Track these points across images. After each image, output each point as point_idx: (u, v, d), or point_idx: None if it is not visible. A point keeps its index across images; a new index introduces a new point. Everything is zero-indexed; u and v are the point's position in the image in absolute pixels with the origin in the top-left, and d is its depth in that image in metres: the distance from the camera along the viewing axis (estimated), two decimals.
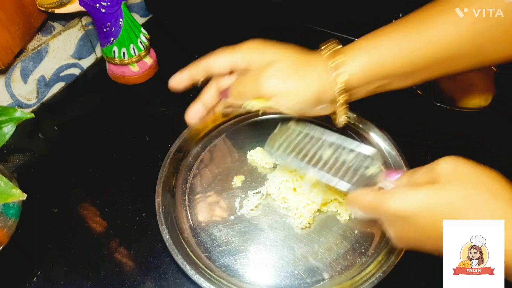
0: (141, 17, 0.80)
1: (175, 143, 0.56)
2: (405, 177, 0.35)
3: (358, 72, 0.39)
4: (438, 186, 0.31)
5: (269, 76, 0.39)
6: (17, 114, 0.45)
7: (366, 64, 0.39)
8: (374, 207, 0.34)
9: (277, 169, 0.53)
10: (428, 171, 0.32)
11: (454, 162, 0.31)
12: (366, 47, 0.39)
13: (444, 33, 0.37)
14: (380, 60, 0.39)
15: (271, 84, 0.39)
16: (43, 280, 0.47)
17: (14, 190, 0.41)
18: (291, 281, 0.45)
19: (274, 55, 0.41)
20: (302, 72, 0.39)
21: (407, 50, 0.38)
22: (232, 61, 0.42)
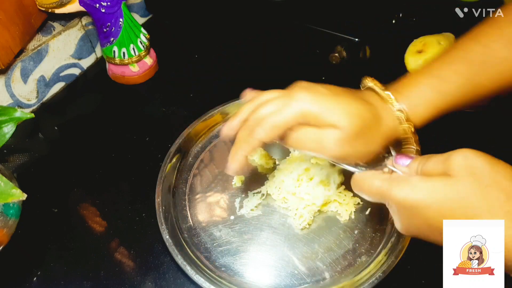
0: (141, 17, 0.80)
1: (175, 143, 0.56)
2: (417, 162, 0.34)
3: (424, 119, 0.38)
4: (452, 179, 0.30)
5: (334, 143, 0.35)
6: (17, 114, 0.45)
7: (430, 102, 0.37)
8: (382, 193, 0.33)
9: (277, 169, 0.53)
10: (442, 161, 0.31)
11: (469, 155, 0.30)
12: (427, 83, 0.37)
13: (505, 56, 0.36)
14: (446, 95, 0.37)
15: (335, 152, 0.35)
16: (43, 280, 0.47)
17: (14, 190, 0.41)
18: (291, 281, 0.45)
19: (335, 115, 0.35)
20: (369, 139, 0.36)
21: (472, 80, 0.37)
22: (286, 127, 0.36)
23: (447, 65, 0.38)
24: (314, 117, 0.35)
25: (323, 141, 0.35)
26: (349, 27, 0.64)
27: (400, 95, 0.38)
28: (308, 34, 0.74)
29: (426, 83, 0.38)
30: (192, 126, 0.58)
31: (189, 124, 0.58)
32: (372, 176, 0.34)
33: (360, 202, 0.51)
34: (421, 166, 0.33)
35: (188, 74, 0.72)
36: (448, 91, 0.37)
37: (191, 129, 0.57)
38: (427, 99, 0.37)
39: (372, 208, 0.50)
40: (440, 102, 0.38)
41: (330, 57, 0.64)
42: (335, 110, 0.35)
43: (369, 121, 0.36)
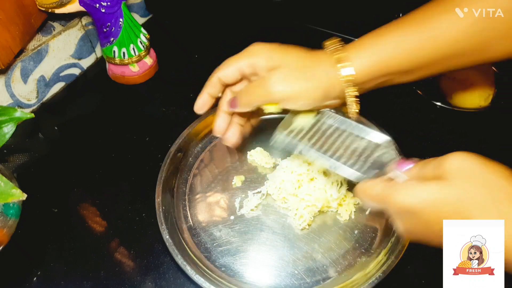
0: (141, 17, 0.80)
1: (175, 143, 0.56)
2: (416, 168, 0.35)
3: (363, 69, 0.39)
4: (446, 182, 0.31)
5: (276, 81, 0.39)
6: (17, 114, 0.45)
7: (371, 61, 0.39)
8: (382, 199, 0.34)
9: (277, 170, 0.53)
10: (437, 165, 0.32)
11: (463, 158, 0.31)
12: (370, 44, 0.40)
13: (446, 32, 0.38)
14: (384, 57, 0.39)
15: (279, 90, 0.39)
16: (43, 280, 0.47)
17: (14, 190, 0.41)
18: (291, 281, 0.45)
19: (278, 58, 0.40)
20: (309, 73, 0.40)
21: (410, 48, 0.39)
22: (239, 69, 0.42)
23: (389, 30, 0.40)
24: (258, 67, 0.41)
25: (268, 84, 0.39)
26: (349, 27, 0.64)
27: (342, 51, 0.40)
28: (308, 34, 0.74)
29: (366, 44, 0.40)
30: (192, 126, 0.58)
31: (189, 124, 0.58)
32: (374, 183, 0.36)
33: (360, 202, 0.51)
34: (419, 171, 0.34)
35: (188, 74, 0.72)
36: (384, 53, 0.39)
37: (191, 129, 0.57)
38: (364, 58, 0.39)
39: (372, 208, 0.50)
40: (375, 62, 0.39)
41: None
42: (276, 55, 0.40)
43: (307, 60, 0.40)
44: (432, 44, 0.38)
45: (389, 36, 0.39)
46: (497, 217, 0.29)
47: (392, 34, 0.39)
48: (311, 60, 0.41)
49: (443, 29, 0.38)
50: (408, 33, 0.39)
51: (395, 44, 0.39)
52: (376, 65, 0.39)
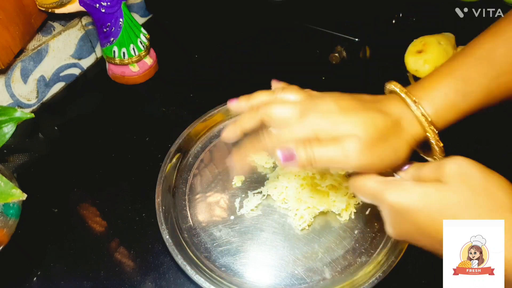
0: (141, 17, 0.80)
1: (175, 143, 0.56)
2: (413, 169, 0.34)
3: (446, 116, 0.37)
4: (444, 186, 0.30)
5: (356, 152, 0.34)
6: (17, 114, 0.45)
7: (454, 105, 0.36)
8: (375, 194, 0.34)
9: (277, 171, 0.53)
10: (436, 168, 0.32)
11: (463, 163, 0.31)
12: (450, 84, 0.36)
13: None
14: (468, 96, 0.36)
15: (360, 160, 0.34)
16: (43, 280, 0.47)
17: (14, 190, 0.41)
18: (291, 281, 0.45)
19: (347, 124, 0.35)
20: (391, 141, 0.35)
21: (496, 81, 0.36)
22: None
23: (471, 66, 0.36)
24: (325, 132, 0.35)
25: (344, 152, 0.34)
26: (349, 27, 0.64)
27: (422, 99, 0.36)
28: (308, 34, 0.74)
29: (449, 85, 0.36)
30: (192, 126, 0.58)
31: (189, 124, 0.58)
32: (368, 177, 0.35)
33: (360, 202, 0.51)
34: (416, 172, 0.34)
35: (188, 74, 0.72)
36: (472, 93, 0.36)
37: (191, 129, 0.57)
38: (451, 101, 0.36)
39: (372, 208, 0.50)
40: (463, 104, 0.36)
41: (330, 57, 0.64)
42: (346, 122, 0.35)
43: (386, 127, 0.35)
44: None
45: (470, 72, 0.36)
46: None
47: (473, 69, 0.36)
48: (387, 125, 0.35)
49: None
50: (485, 61, 0.36)
51: (481, 80, 0.36)
52: (463, 112, 0.36)
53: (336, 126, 0.35)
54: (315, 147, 0.34)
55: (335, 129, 0.34)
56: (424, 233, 0.31)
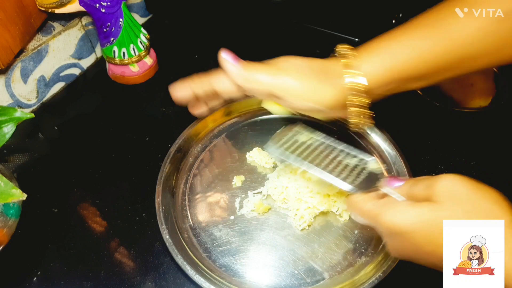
0: (141, 17, 0.80)
1: (175, 143, 0.56)
2: (407, 186, 0.35)
3: (373, 76, 0.38)
4: (435, 205, 0.31)
5: (286, 72, 0.39)
6: (17, 114, 0.45)
7: (381, 67, 0.38)
8: (373, 216, 0.35)
9: (277, 171, 0.53)
10: (428, 186, 0.32)
11: (453, 181, 0.31)
12: (380, 49, 0.39)
13: (461, 33, 0.37)
14: (395, 62, 0.38)
15: (288, 81, 0.38)
16: (43, 280, 0.47)
17: (14, 190, 0.41)
18: (291, 281, 0.45)
19: (288, 63, 0.40)
20: (321, 76, 0.39)
21: (425, 51, 0.37)
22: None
23: (401, 34, 0.39)
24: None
25: (275, 71, 0.39)
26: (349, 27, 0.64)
27: (353, 57, 0.39)
28: (308, 34, 0.74)
29: (378, 50, 0.39)
30: (192, 126, 0.58)
31: (189, 124, 0.58)
32: (365, 199, 0.36)
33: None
34: (410, 190, 0.34)
35: (188, 74, 0.71)
36: (397, 59, 0.38)
37: (191, 129, 0.57)
38: (376, 65, 0.38)
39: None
40: (387, 69, 0.38)
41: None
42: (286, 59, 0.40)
43: (318, 64, 0.40)
44: (447, 47, 0.37)
45: (402, 40, 0.38)
46: None
47: (405, 37, 0.38)
48: (322, 65, 0.40)
49: (457, 31, 0.37)
50: (422, 36, 0.38)
51: (407, 48, 0.38)
52: (387, 70, 0.38)
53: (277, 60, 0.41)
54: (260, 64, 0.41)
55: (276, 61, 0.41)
56: (422, 252, 0.32)
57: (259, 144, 0.57)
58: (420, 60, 0.38)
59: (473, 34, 0.37)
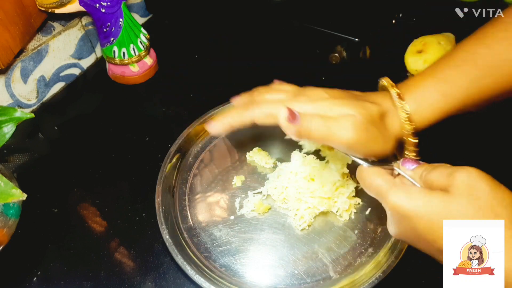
0: (141, 17, 0.80)
1: (175, 143, 0.56)
2: (422, 169, 0.34)
3: (426, 114, 0.38)
4: (449, 197, 0.30)
5: (350, 127, 0.35)
6: (17, 114, 0.45)
7: (437, 105, 0.37)
8: (380, 193, 0.34)
9: (277, 171, 0.53)
10: (447, 175, 0.31)
11: (473, 175, 0.30)
12: (432, 84, 0.38)
13: (510, 58, 0.37)
14: (449, 97, 0.37)
15: (352, 138, 0.35)
16: (43, 280, 0.47)
17: (14, 190, 0.41)
18: (291, 281, 0.45)
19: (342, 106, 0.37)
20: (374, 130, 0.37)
21: (477, 83, 0.37)
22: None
23: (453, 68, 0.38)
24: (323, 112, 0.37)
25: (340, 126, 0.35)
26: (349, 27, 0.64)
27: (406, 96, 0.38)
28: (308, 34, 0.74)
29: (432, 85, 0.38)
30: (192, 126, 0.58)
31: (189, 124, 0.58)
32: (376, 172, 0.35)
33: (360, 202, 0.51)
34: (425, 174, 0.33)
35: (188, 74, 0.72)
36: (454, 94, 0.37)
37: (191, 129, 0.57)
38: (433, 101, 0.38)
39: (372, 209, 0.50)
40: (445, 105, 0.38)
41: (330, 57, 0.64)
42: (341, 105, 0.37)
43: (378, 113, 0.37)
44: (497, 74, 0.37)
45: (455, 75, 0.38)
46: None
47: (457, 72, 0.37)
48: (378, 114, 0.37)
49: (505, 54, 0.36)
50: (475, 67, 0.37)
51: (459, 80, 0.37)
52: (444, 113, 0.38)
53: (331, 107, 0.37)
54: (315, 117, 0.36)
55: (331, 110, 0.36)
56: (422, 239, 0.32)
57: (259, 144, 0.57)
58: (471, 91, 0.37)
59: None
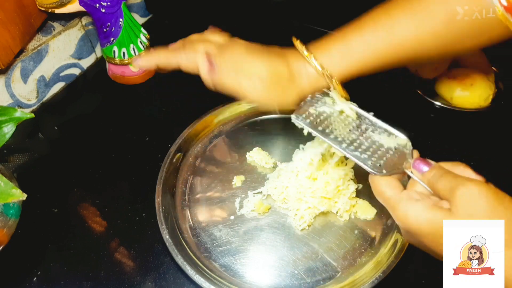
0: (141, 17, 0.80)
1: (175, 143, 0.56)
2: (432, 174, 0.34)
3: (332, 71, 0.41)
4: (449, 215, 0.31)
5: (249, 89, 0.41)
6: (17, 114, 0.45)
7: (339, 66, 0.41)
8: (389, 205, 0.35)
9: (277, 171, 0.53)
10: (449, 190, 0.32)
11: (473, 191, 0.30)
12: (337, 48, 0.41)
13: (412, 35, 0.39)
14: (352, 62, 0.40)
15: (255, 96, 0.41)
16: (43, 280, 0.47)
17: (14, 190, 0.41)
18: (291, 281, 0.45)
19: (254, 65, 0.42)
20: (283, 83, 0.41)
21: (377, 52, 0.40)
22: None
23: (356, 33, 0.41)
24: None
25: (244, 83, 0.41)
26: None
27: (316, 55, 0.41)
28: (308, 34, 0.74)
29: (335, 47, 0.41)
30: (192, 126, 0.58)
31: (189, 124, 0.58)
32: (386, 184, 0.36)
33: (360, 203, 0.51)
34: (433, 180, 0.34)
35: (188, 74, 0.72)
36: (354, 58, 0.40)
37: (191, 129, 0.57)
38: (336, 61, 0.41)
39: None
40: (346, 66, 0.41)
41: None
42: (257, 63, 0.41)
43: (285, 74, 0.41)
44: (399, 48, 0.40)
45: (355, 41, 0.40)
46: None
47: (358, 39, 0.40)
48: (285, 74, 0.42)
49: (409, 32, 0.39)
50: (374, 35, 0.40)
51: (363, 49, 0.40)
52: (344, 69, 0.41)
53: (247, 63, 0.42)
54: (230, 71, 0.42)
55: (246, 65, 0.42)
56: (431, 251, 0.33)
57: (259, 144, 0.57)
58: (373, 59, 0.40)
59: (423, 35, 0.39)
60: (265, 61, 0.42)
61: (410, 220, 0.33)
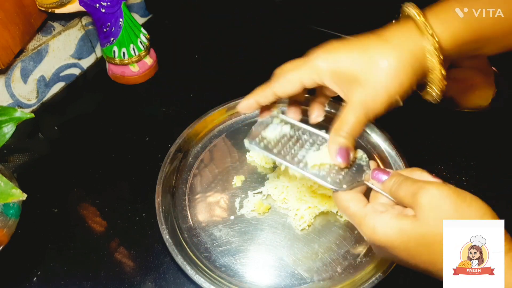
0: (141, 17, 0.80)
1: (175, 143, 0.56)
2: (392, 182, 0.34)
3: (450, 36, 0.37)
4: (417, 222, 0.31)
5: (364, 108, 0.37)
6: (17, 114, 0.45)
7: (459, 26, 0.36)
8: (354, 221, 0.35)
9: (277, 171, 0.53)
10: (411, 195, 0.32)
11: (435, 195, 0.30)
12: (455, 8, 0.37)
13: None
14: (473, 21, 0.36)
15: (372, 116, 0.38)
16: (43, 280, 0.47)
17: (14, 190, 0.41)
18: (291, 281, 0.45)
19: (354, 70, 0.37)
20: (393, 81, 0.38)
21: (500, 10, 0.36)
22: (300, 85, 0.39)
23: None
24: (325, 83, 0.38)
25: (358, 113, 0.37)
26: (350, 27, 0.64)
27: (433, 26, 0.36)
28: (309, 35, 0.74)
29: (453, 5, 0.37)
30: (192, 126, 0.58)
31: (189, 124, 0.58)
32: (350, 199, 0.35)
33: None
34: (394, 188, 0.34)
35: (188, 74, 0.72)
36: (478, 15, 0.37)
37: (191, 129, 0.57)
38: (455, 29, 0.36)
39: None
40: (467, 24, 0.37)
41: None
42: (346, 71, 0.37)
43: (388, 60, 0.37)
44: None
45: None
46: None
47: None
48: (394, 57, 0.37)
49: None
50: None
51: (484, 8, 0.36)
52: (465, 31, 0.37)
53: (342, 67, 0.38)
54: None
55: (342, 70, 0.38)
56: (401, 262, 0.33)
57: None
58: (494, 19, 0.36)
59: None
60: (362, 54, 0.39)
61: (378, 234, 0.32)
